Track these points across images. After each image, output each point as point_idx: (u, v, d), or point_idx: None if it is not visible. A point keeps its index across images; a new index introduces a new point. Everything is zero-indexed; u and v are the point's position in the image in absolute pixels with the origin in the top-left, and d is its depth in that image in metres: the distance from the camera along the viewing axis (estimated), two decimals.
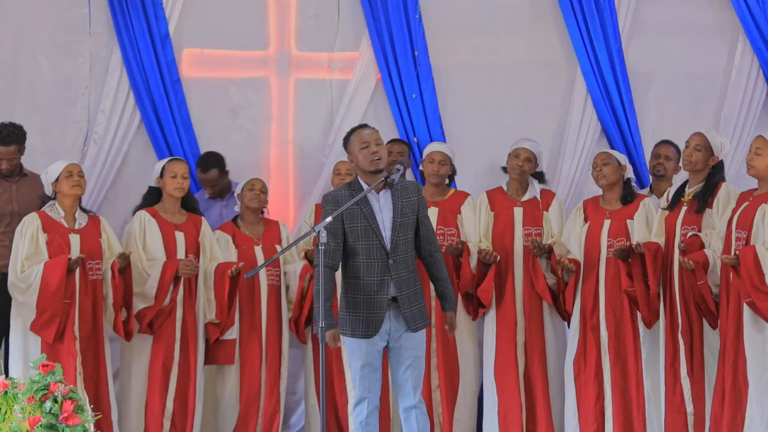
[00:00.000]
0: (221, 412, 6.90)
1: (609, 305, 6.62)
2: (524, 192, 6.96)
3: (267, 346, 6.87)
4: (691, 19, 7.85)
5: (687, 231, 6.30)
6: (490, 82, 7.82)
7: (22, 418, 4.60)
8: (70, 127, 7.58)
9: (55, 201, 6.55)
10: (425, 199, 5.76)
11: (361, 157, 5.59)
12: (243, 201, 6.95)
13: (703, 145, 6.33)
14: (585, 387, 6.68)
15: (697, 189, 6.37)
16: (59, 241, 6.44)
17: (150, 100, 7.56)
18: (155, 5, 7.55)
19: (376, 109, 7.82)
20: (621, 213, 6.68)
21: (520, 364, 6.84)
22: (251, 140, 7.80)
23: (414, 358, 5.57)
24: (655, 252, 6.36)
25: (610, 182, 6.70)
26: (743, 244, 5.96)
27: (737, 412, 6.00)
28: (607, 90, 7.71)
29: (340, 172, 7.07)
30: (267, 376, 6.86)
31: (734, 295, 6.02)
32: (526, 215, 6.90)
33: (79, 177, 6.54)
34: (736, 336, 6.00)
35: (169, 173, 6.69)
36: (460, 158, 7.31)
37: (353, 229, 5.55)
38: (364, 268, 5.54)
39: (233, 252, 6.88)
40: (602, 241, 6.66)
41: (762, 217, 5.93)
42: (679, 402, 6.36)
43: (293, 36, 7.83)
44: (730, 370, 6.01)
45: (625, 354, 6.61)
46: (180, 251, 6.69)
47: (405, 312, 5.53)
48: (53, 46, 7.59)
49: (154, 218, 6.69)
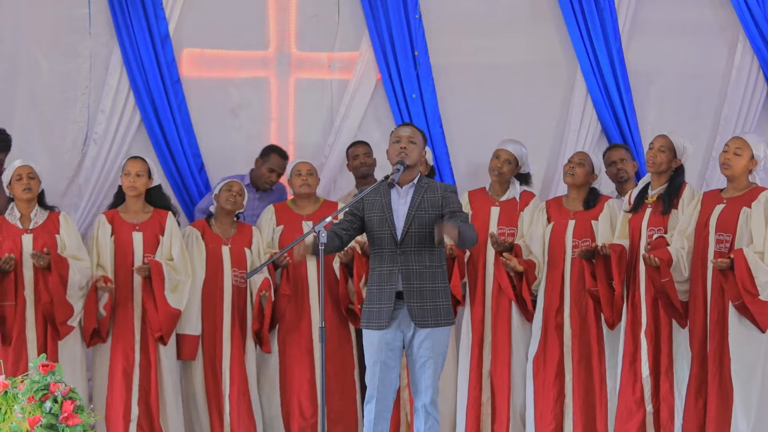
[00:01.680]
0: (195, 411, 6.89)
1: (574, 304, 6.67)
2: (504, 192, 6.99)
3: (232, 346, 6.83)
4: (691, 19, 7.84)
5: (653, 232, 6.37)
6: (490, 82, 7.81)
7: (22, 418, 4.61)
8: (70, 127, 7.57)
9: (13, 202, 6.53)
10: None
11: (391, 150, 5.70)
12: (218, 201, 6.91)
13: (667, 147, 6.41)
14: (544, 386, 6.73)
15: (660, 191, 6.44)
16: (10, 243, 6.41)
17: (150, 100, 7.55)
18: (155, 5, 7.54)
19: (376, 109, 7.82)
20: (585, 214, 6.74)
21: (485, 362, 6.89)
22: (251, 140, 7.78)
23: (429, 356, 5.55)
24: (619, 254, 6.43)
25: (576, 183, 6.76)
26: (727, 248, 6.06)
27: (723, 414, 6.06)
28: (607, 90, 7.71)
29: (301, 173, 7.01)
30: (231, 375, 6.81)
31: (718, 296, 6.09)
32: (502, 215, 6.93)
33: (29, 179, 6.46)
34: (721, 339, 6.07)
35: (123, 171, 6.71)
36: (460, 158, 7.32)
37: (371, 219, 5.65)
38: (378, 258, 5.63)
39: (202, 248, 6.83)
40: (567, 242, 6.73)
41: (746, 220, 6.05)
42: (638, 400, 6.40)
43: (293, 36, 7.83)
44: (716, 371, 6.08)
45: (589, 353, 6.67)
46: (137, 251, 6.66)
47: (412, 305, 5.53)
48: (53, 46, 7.59)
49: (110, 223, 6.67)
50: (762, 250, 5.97)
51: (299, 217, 6.99)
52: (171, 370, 6.72)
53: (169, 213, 6.80)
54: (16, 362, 6.32)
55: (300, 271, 6.93)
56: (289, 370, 6.92)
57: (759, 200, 6.06)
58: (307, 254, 5.60)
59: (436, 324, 5.57)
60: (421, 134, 5.74)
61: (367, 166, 7.32)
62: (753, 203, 6.07)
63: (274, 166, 7.34)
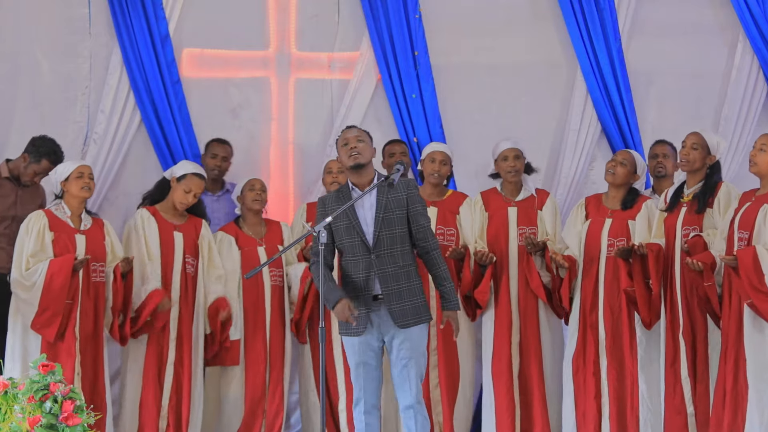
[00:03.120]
0: (225, 414, 6.90)
1: (607, 304, 6.62)
2: (518, 192, 6.97)
3: (271, 346, 6.87)
4: (691, 19, 7.85)
5: (688, 231, 6.30)
6: (490, 82, 7.82)
7: (22, 418, 4.61)
8: (70, 127, 7.58)
9: (62, 200, 6.53)
10: (421, 196, 5.68)
11: (342, 154, 5.62)
12: (245, 203, 6.94)
13: (700, 144, 6.34)
14: (584, 384, 6.68)
15: (696, 189, 6.37)
16: (65, 241, 6.42)
17: (150, 100, 7.56)
18: (155, 5, 7.55)
19: (376, 109, 7.82)
20: (623, 213, 6.68)
21: (514, 364, 6.85)
22: (251, 140, 7.80)
23: (410, 357, 5.54)
24: (657, 253, 6.36)
25: (617, 183, 6.71)
26: (745, 245, 5.96)
27: (737, 412, 5.99)
28: (607, 90, 7.71)
29: (332, 171, 7.05)
30: (271, 376, 6.86)
31: (735, 295, 6.01)
32: (521, 215, 6.91)
33: (89, 179, 6.54)
34: (737, 337, 5.99)
35: (182, 186, 6.71)
36: (460, 158, 7.31)
37: (338, 228, 5.59)
38: (351, 266, 5.57)
39: (236, 253, 6.88)
40: (602, 240, 6.67)
41: (764, 217, 5.92)
42: (679, 403, 6.36)
43: (293, 36, 7.83)
44: (731, 370, 6.00)
45: (622, 355, 6.62)
46: (178, 251, 6.69)
47: (393, 308, 5.51)
48: (53, 46, 7.59)
49: (153, 217, 6.71)
50: None
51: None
52: (196, 372, 6.75)
53: (204, 221, 6.86)
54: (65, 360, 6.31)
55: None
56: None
57: None
58: None
59: (417, 322, 5.55)
60: (367, 133, 5.70)
61: None
62: None
63: (216, 152, 7.32)
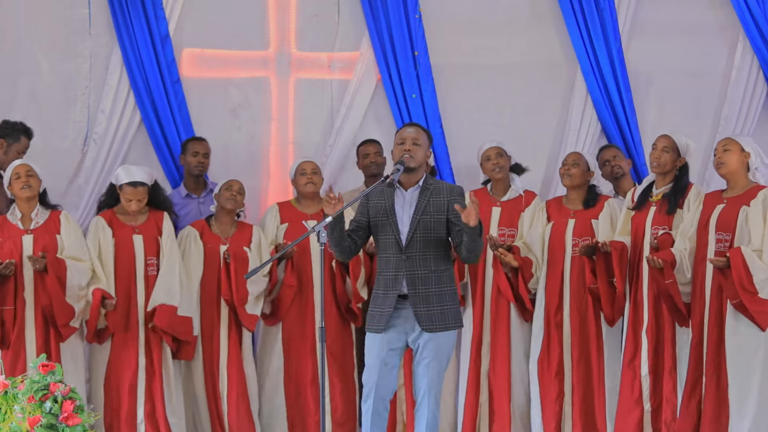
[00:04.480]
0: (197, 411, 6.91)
1: (574, 304, 6.68)
2: (505, 192, 6.98)
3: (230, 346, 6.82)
4: (691, 19, 7.85)
5: (657, 230, 6.38)
6: (490, 82, 7.81)
7: (22, 418, 4.60)
8: (70, 127, 7.58)
9: (14, 202, 6.48)
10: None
11: (395, 151, 5.64)
12: (219, 201, 6.91)
13: (671, 146, 6.44)
14: (548, 386, 6.74)
15: (665, 190, 6.46)
16: (10, 246, 6.36)
17: (150, 100, 7.55)
18: (155, 5, 7.54)
19: (376, 109, 7.81)
20: (585, 213, 6.75)
21: (483, 364, 6.89)
22: (251, 140, 7.79)
23: (431, 358, 5.52)
24: (620, 251, 6.45)
25: (575, 184, 6.76)
26: (727, 247, 6.07)
27: (720, 415, 6.07)
28: (607, 90, 7.71)
29: (306, 172, 7.00)
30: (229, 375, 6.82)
31: (715, 296, 6.10)
32: (504, 216, 6.93)
33: (27, 177, 6.39)
34: (719, 338, 6.08)
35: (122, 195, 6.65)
36: (460, 158, 7.31)
37: (375, 223, 5.62)
38: (383, 262, 5.60)
39: (200, 248, 6.83)
40: (567, 240, 6.74)
41: (745, 219, 6.06)
42: (636, 398, 6.42)
43: (293, 36, 7.83)
44: (713, 372, 6.09)
45: (588, 351, 6.67)
46: (139, 256, 6.64)
47: (419, 311, 5.50)
48: (53, 46, 7.59)
49: (109, 225, 6.64)
50: (760, 248, 5.98)
51: (304, 216, 6.98)
52: (174, 370, 6.72)
53: (165, 214, 6.77)
54: (13, 363, 6.29)
55: (305, 268, 6.92)
56: (293, 369, 6.92)
57: (758, 198, 6.07)
58: None
59: (444, 328, 5.54)
60: (426, 134, 5.68)
61: (377, 165, 7.31)
62: (752, 201, 6.07)
63: (197, 149, 7.28)
